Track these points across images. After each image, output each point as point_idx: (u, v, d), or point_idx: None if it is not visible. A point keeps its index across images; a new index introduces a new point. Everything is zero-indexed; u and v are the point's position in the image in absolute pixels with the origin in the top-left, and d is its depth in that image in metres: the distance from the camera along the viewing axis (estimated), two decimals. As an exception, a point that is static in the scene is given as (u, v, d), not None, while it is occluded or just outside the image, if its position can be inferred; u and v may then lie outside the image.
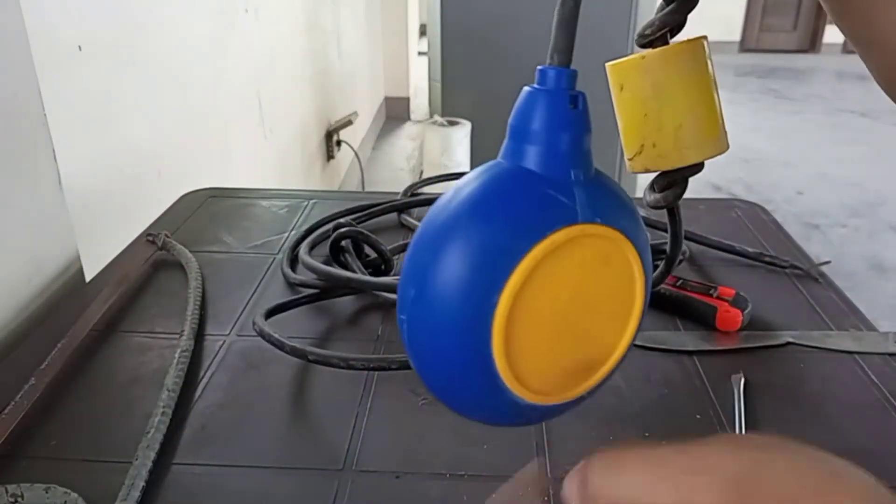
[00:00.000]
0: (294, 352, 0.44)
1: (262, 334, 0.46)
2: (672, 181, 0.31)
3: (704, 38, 0.30)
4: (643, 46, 0.30)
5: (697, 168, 0.31)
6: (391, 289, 0.52)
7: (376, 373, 0.47)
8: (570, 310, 0.21)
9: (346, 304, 0.56)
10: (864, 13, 0.30)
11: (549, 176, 0.21)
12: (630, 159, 0.31)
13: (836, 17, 0.32)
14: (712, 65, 0.31)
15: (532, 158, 0.21)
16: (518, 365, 0.21)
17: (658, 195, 0.32)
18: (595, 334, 0.23)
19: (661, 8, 0.30)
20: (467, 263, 0.21)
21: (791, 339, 0.51)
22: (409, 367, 0.41)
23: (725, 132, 0.31)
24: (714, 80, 0.31)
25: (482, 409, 0.23)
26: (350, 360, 0.42)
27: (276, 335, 0.46)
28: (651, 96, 0.30)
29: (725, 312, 0.52)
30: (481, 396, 0.22)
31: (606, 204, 0.22)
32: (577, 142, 0.22)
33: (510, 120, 0.22)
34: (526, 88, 0.22)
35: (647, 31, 0.30)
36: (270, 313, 0.50)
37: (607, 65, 0.31)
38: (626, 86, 0.30)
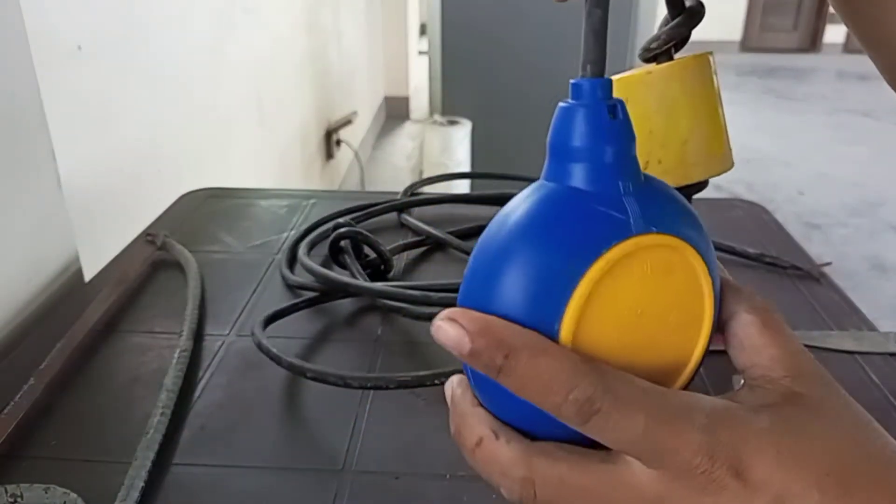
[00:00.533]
0: (292, 368, 0.44)
1: (260, 347, 0.46)
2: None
3: (710, 53, 0.30)
4: (647, 61, 0.30)
5: (702, 186, 0.31)
6: (389, 296, 0.52)
7: (377, 373, 0.47)
8: (636, 324, 0.21)
9: (345, 304, 0.55)
10: (875, 15, 0.30)
11: (598, 191, 0.21)
12: None
13: (847, 20, 0.32)
14: (717, 80, 0.30)
15: (577, 176, 0.21)
16: None
17: None
18: (666, 345, 0.22)
19: (667, 22, 0.29)
20: (525, 293, 0.20)
21: (791, 339, 0.51)
22: (406, 387, 0.41)
23: (730, 149, 0.31)
24: (719, 96, 0.31)
25: (553, 434, 0.22)
26: (347, 378, 0.42)
27: (275, 350, 0.45)
28: (656, 111, 0.29)
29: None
30: (550, 423, 0.21)
31: (660, 211, 0.21)
32: (622, 152, 0.21)
33: (549, 139, 0.22)
34: (561, 104, 0.21)
35: (653, 46, 0.29)
36: (269, 321, 0.50)
37: (612, 78, 0.31)
38: (631, 100, 0.30)
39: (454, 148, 2.36)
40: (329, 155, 2.50)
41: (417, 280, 0.60)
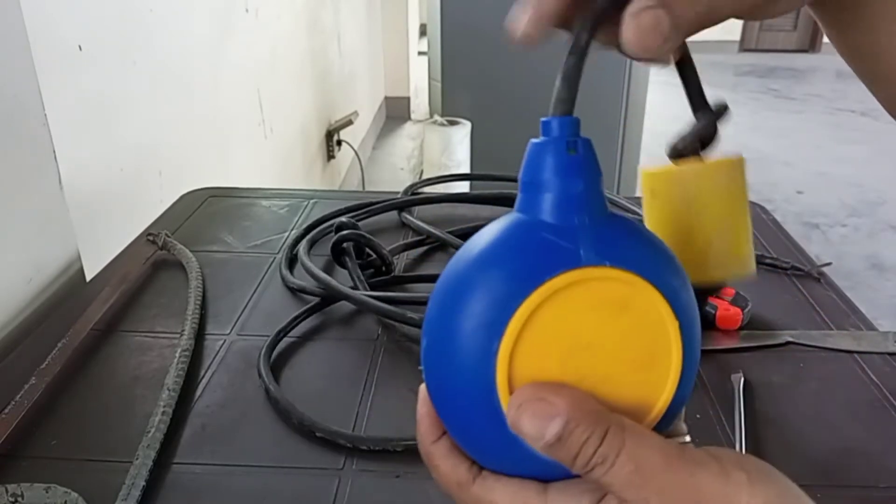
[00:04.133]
0: (301, 426, 0.42)
1: (267, 392, 0.45)
2: (698, 292, 0.31)
3: (741, 158, 0.30)
4: (674, 159, 0.30)
5: (720, 286, 0.31)
6: (388, 315, 0.51)
7: (377, 372, 0.48)
8: (583, 355, 0.21)
9: (346, 304, 0.55)
10: (873, 51, 0.31)
11: (553, 222, 0.21)
12: None
13: (845, 53, 0.32)
14: (747, 184, 0.30)
15: (540, 208, 0.22)
16: None
17: None
18: (624, 383, 0.22)
19: (693, 122, 0.29)
20: (467, 312, 0.21)
21: (791, 339, 0.51)
22: (415, 450, 0.40)
23: (753, 254, 0.31)
24: (747, 200, 0.31)
25: (500, 458, 0.22)
26: (356, 439, 0.41)
27: (285, 399, 0.44)
28: (682, 210, 0.29)
29: (725, 311, 0.52)
30: (496, 445, 0.22)
31: (620, 246, 0.21)
32: (582, 186, 0.22)
33: (520, 174, 0.23)
34: (532, 141, 0.23)
35: (679, 146, 0.29)
36: (273, 343, 0.49)
37: (641, 169, 0.30)
38: (658, 194, 0.30)
39: (454, 148, 2.37)
40: (330, 155, 2.50)
41: (418, 281, 0.60)
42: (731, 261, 0.30)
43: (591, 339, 0.21)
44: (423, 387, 0.23)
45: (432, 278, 0.60)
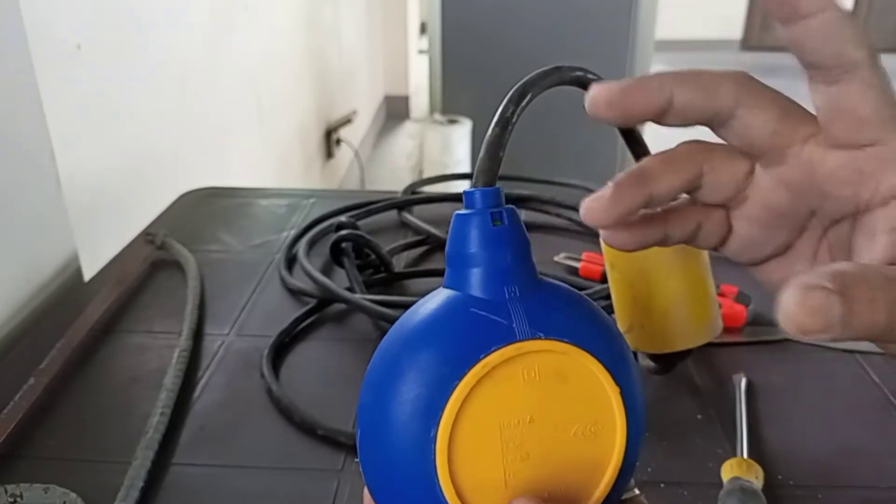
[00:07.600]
0: (303, 424, 0.42)
1: (270, 392, 0.45)
2: (665, 358, 0.31)
3: None
4: None
5: (686, 353, 0.31)
6: (385, 318, 0.51)
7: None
8: (527, 430, 0.20)
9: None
10: None
11: (484, 297, 0.21)
12: (623, 333, 0.31)
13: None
14: (706, 253, 0.30)
15: (468, 282, 0.21)
16: (476, 498, 0.20)
17: (650, 363, 0.32)
18: (573, 455, 0.21)
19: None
20: (401, 399, 0.20)
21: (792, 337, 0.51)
22: None
23: (718, 317, 0.31)
24: (707, 267, 0.30)
25: None
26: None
27: (287, 398, 0.44)
28: (639, 280, 0.29)
29: (729, 309, 0.52)
30: None
31: (553, 317, 0.21)
32: (509, 258, 0.21)
33: (446, 248, 0.22)
34: (455, 213, 0.22)
35: None
36: (276, 344, 0.49)
37: (602, 241, 0.30)
38: (616, 266, 0.30)
39: (454, 147, 2.37)
40: (329, 154, 2.50)
41: (415, 276, 0.60)
42: (691, 329, 0.30)
43: (533, 413, 0.20)
44: (366, 492, 0.22)
45: (430, 275, 0.60)
